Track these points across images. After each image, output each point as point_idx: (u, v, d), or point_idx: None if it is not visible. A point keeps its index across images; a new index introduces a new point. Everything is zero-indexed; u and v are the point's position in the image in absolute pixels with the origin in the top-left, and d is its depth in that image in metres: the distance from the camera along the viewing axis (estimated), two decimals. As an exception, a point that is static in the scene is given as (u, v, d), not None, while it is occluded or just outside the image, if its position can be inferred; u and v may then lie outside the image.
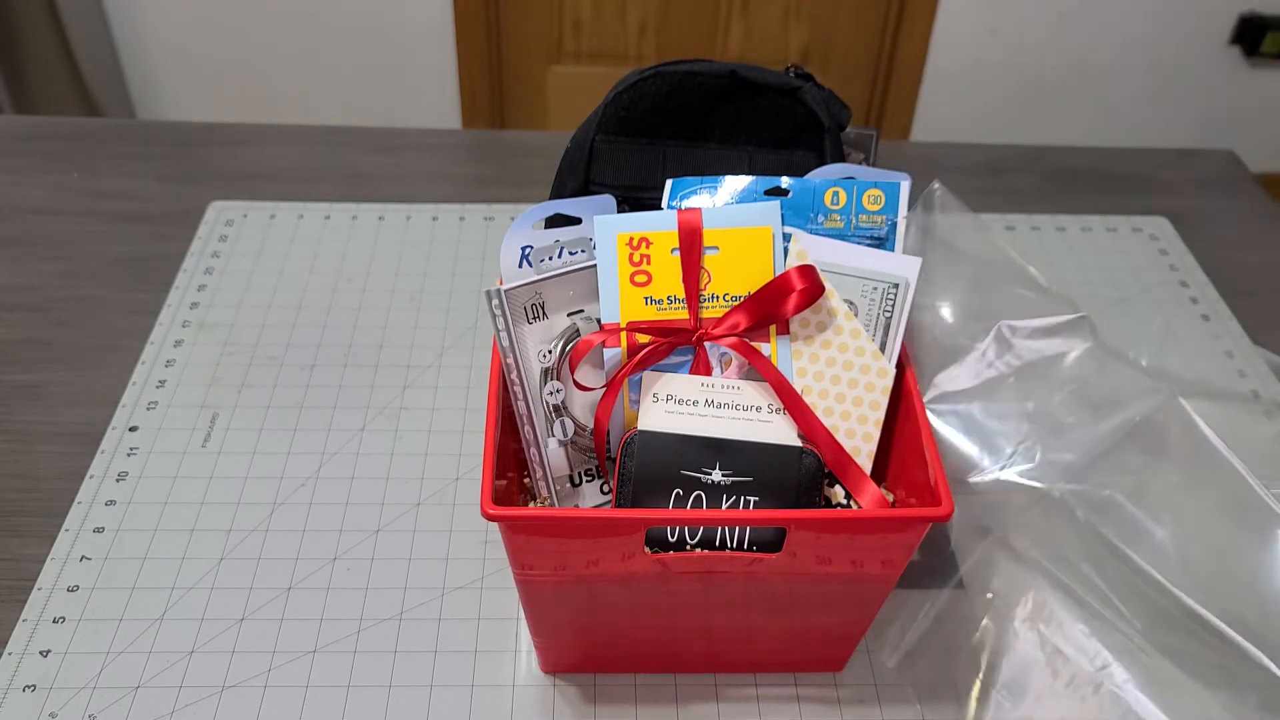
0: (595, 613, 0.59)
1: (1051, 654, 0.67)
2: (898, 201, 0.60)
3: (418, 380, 0.84)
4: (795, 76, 0.65)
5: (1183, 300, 0.95)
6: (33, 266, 0.94)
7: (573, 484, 0.61)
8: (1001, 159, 1.12)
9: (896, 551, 0.55)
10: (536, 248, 0.60)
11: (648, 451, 0.55)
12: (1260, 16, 2.14)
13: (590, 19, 2.22)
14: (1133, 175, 1.11)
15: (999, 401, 0.75)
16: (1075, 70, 2.23)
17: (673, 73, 0.64)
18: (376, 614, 0.67)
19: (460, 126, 2.30)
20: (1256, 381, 0.86)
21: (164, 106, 2.28)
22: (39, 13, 1.97)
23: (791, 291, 0.57)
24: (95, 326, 0.88)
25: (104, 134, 1.11)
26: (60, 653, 0.65)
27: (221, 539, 0.71)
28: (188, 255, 0.95)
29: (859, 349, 0.59)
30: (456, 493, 0.75)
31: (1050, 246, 1.00)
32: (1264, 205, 1.08)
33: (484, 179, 1.07)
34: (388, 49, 2.19)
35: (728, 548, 0.54)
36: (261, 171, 1.06)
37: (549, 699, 0.63)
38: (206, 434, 0.79)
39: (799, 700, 0.64)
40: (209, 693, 0.63)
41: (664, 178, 0.63)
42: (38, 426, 0.79)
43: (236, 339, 0.87)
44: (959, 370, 0.76)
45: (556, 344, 0.59)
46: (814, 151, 0.65)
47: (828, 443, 0.56)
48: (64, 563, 0.70)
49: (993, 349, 0.76)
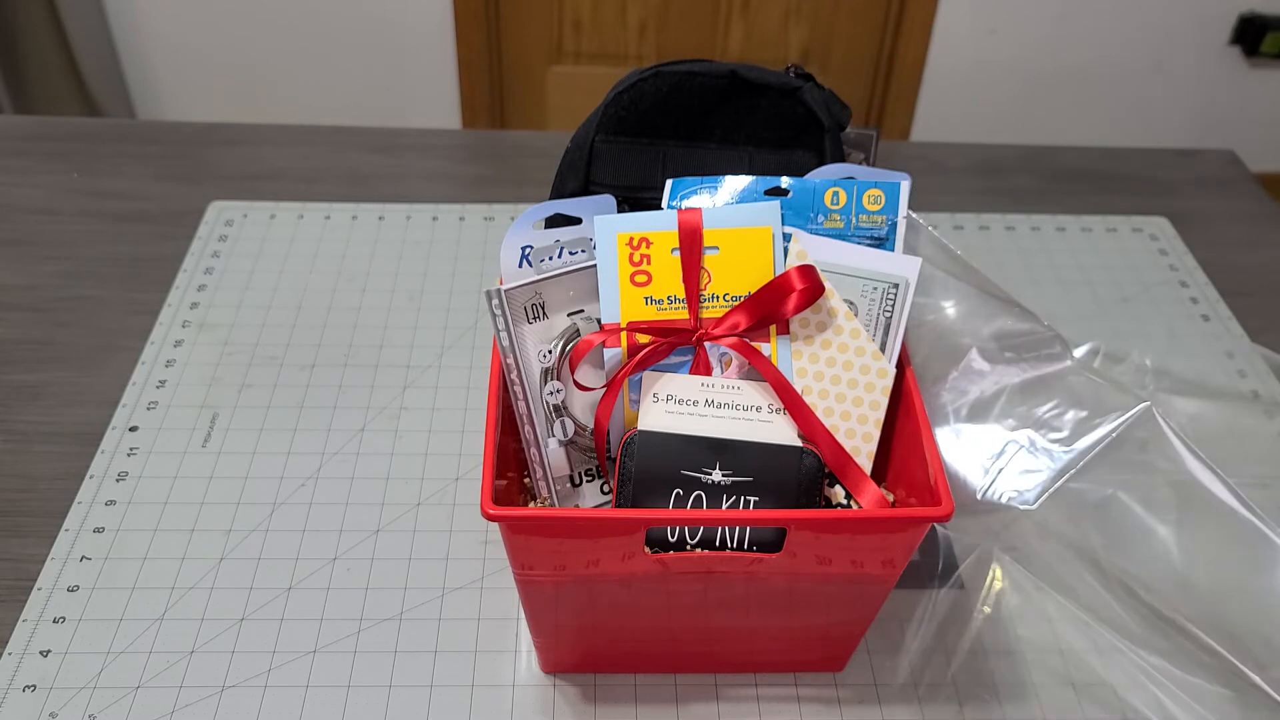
0: (595, 613, 0.59)
1: (1051, 654, 0.67)
2: (898, 201, 0.60)
3: (418, 380, 0.84)
4: (795, 76, 0.65)
5: (1183, 300, 0.95)
6: (33, 266, 0.94)
7: (573, 484, 0.61)
8: (1001, 159, 1.12)
9: (896, 551, 0.55)
10: (536, 248, 0.60)
11: (648, 451, 0.55)
12: (1260, 16, 2.14)
13: (590, 19, 2.22)
14: (1132, 175, 1.11)
15: (980, 423, 0.75)
16: (1075, 70, 2.23)
17: (673, 73, 0.64)
18: (376, 614, 0.67)
19: (460, 126, 2.30)
20: (1256, 381, 0.86)
21: (164, 106, 2.28)
22: (39, 13, 1.97)
23: (791, 291, 0.57)
24: (95, 326, 0.88)
25: (104, 134, 1.11)
26: (60, 653, 0.65)
27: (221, 539, 0.71)
28: (188, 255, 0.95)
29: (859, 349, 0.59)
30: (456, 493, 0.75)
31: (1050, 246, 1.00)
32: (1264, 205, 1.08)
33: (484, 179, 1.07)
34: (388, 49, 2.19)
35: (728, 548, 0.54)
36: (261, 171, 1.06)
37: (549, 699, 0.63)
38: (206, 434, 0.79)
39: (799, 700, 0.64)
40: (209, 693, 0.63)
41: (664, 178, 0.63)
42: (38, 426, 0.79)
43: (236, 339, 0.87)
44: (939, 390, 0.77)
45: (556, 344, 0.59)
46: (814, 151, 0.65)
47: (828, 443, 0.56)
48: (64, 563, 0.70)
49: (969, 372, 0.76)
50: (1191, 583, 0.68)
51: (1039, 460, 0.73)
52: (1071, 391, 0.74)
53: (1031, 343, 0.76)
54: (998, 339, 0.76)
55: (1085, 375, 0.75)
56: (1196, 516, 0.69)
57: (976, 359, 0.76)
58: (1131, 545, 0.70)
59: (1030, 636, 0.68)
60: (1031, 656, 0.67)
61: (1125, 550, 0.70)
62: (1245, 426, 0.82)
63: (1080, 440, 0.72)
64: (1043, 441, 0.73)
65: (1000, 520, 0.72)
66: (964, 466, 0.73)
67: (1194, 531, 0.69)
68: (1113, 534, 0.70)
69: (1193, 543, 0.69)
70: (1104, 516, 0.71)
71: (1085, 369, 0.75)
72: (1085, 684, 0.65)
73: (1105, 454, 0.72)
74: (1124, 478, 0.71)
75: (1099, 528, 0.70)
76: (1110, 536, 0.70)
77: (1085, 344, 0.87)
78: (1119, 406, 0.72)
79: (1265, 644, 0.65)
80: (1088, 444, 0.72)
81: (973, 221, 1.02)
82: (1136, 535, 0.70)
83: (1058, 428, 0.73)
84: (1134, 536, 0.70)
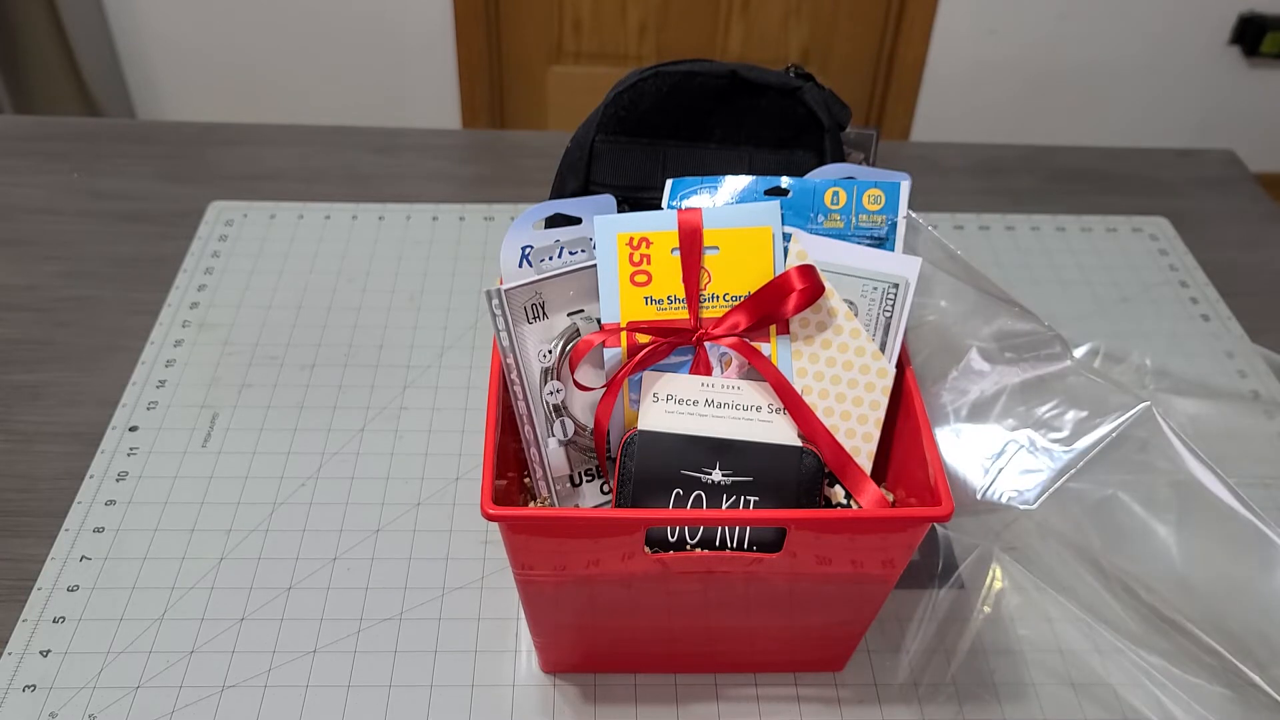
0: (595, 613, 0.59)
1: (1051, 654, 0.67)
2: (898, 201, 0.60)
3: (418, 380, 0.84)
4: (795, 76, 0.65)
5: (1183, 300, 0.95)
6: (33, 266, 0.94)
7: (573, 484, 0.61)
8: (1001, 159, 1.12)
9: (896, 551, 0.55)
10: (536, 248, 0.60)
11: (648, 451, 0.55)
12: (1260, 16, 2.14)
13: (590, 19, 2.22)
14: (1133, 175, 1.11)
15: (980, 423, 0.75)
16: (1075, 70, 2.23)
17: (673, 73, 0.64)
18: (376, 614, 0.67)
19: (460, 126, 2.30)
20: (1256, 382, 0.86)
21: (164, 106, 2.28)
22: (39, 13, 1.97)
23: (791, 291, 0.57)
24: (95, 326, 0.88)
25: (104, 134, 1.11)
26: (60, 653, 0.65)
27: (221, 539, 0.71)
28: (188, 255, 0.95)
29: (859, 349, 0.58)
30: (456, 493, 0.75)
31: (1050, 246, 1.00)
32: (1264, 205, 1.08)
33: (484, 179, 1.07)
34: (388, 49, 2.19)
35: (728, 548, 0.54)
36: (261, 171, 1.06)
37: (549, 699, 0.63)
38: (206, 434, 0.79)
39: (799, 700, 0.64)
40: (209, 693, 0.63)
41: (664, 178, 0.63)
42: (38, 426, 0.79)
43: (236, 339, 0.87)
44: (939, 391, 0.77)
45: (556, 344, 0.59)
46: (814, 151, 0.65)
47: (828, 443, 0.56)
48: (64, 563, 0.70)
49: (969, 372, 0.76)
50: (1191, 583, 0.68)
51: (1039, 460, 0.73)
52: (1071, 391, 0.74)
53: (1031, 343, 0.76)
54: (998, 339, 0.76)
55: (1085, 375, 0.75)
56: (1196, 516, 0.69)
57: (976, 359, 0.76)
58: (1131, 545, 0.70)
59: (1030, 636, 0.68)
60: (1031, 656, 0.67)
61: (1125, 550, 0.70)
62: (1245, 426, 0.82)
63: (1080, 440, 0.72)
64: (1043, 441, 0.73)
65: (1000, 520, 0.72)
66: (964, 466, 0.73)
67: (1194, 531, 0.69)
68: (1113, 534, 0.70)
69: (1192, 542, 0.69)
70: (1104, 516, 0.71)
71: (1085, 369, 0.75)
72: (1085, 684, 0.65)
73: (1105, 454, 0.72)
74: (1124, 478, 0.71)
75: (1099, 528, 0.70)
76: (1110, 536, 0.70)
77: (1085, 344, 0.87)
78: (1119, 406, 0.72)
79: (1265, 643, 0.65)
80: (1088, 444, 0.72)
81: (973, 221, 1.03)
82: (1136, 535, 0.70)
83: (1058, 428, 0.73)
84: (1134, 536, 0.70)
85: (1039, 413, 0.74)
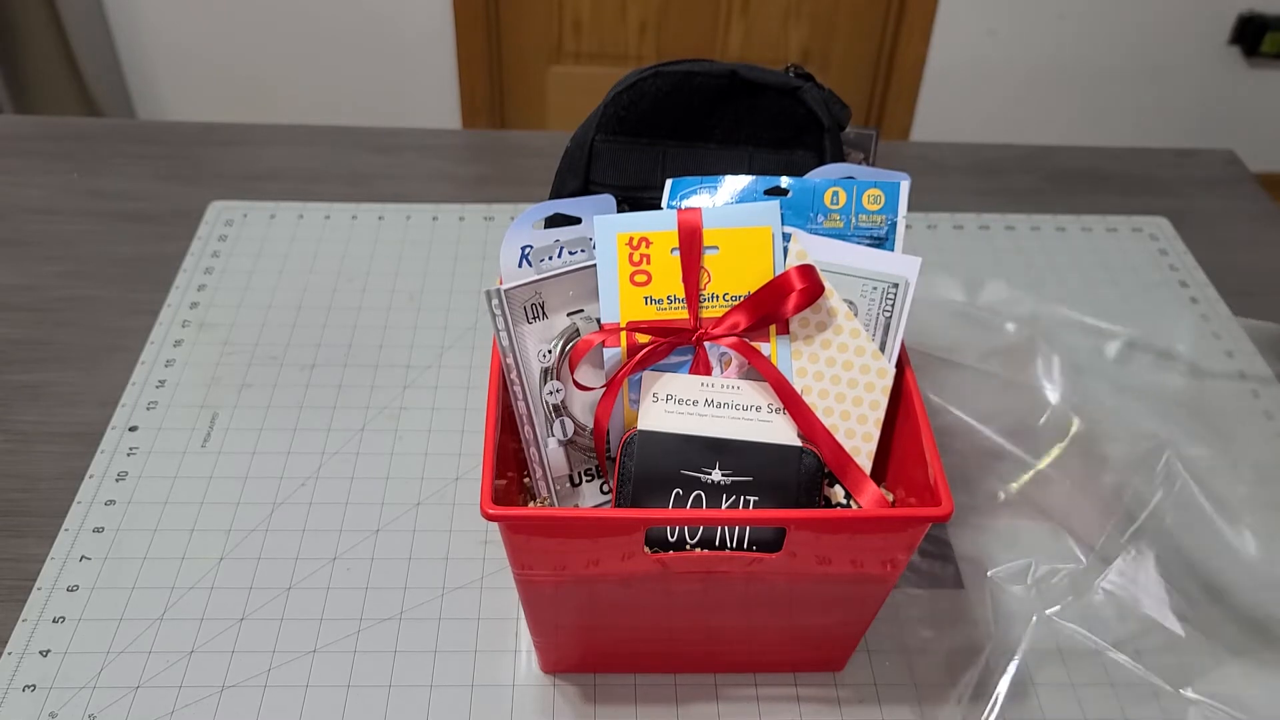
0: (595, 613, 0.59)
1: (1051, 653, 0.67)
2: (897, 201, 0.60)
3: (418, 380, 0.84)
4: (795, 76, 0.65)
5: (1183, 300, 0.95)
6: (33, 266, 0.94)
7: (573, 484, 0.61)
8: (1001, 159, 1.12)
9: (896, 551, 0.55)
10: (536, 248, 0.60)
11: (648, 451, 0.55)
12: (1260, 16, 2.14)
13: (590, 19, 2.22)
14: (1133, 175, 1.11)
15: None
16: (1075, 70, 2.23)
17: (673, 73, 0.64)
18: (376, 614, 0.67)
19: (460, 127, 2.30)
20: (1256, 382, 0.86)
21: (164, 106, 2.28)
22: (39, 13, 1.97)
23: (791, 291, 0.57)
24: (95, 326, 0.88)
25: (104, 134, 1.11)
26: (60, 653, 0.65)
27: (221, 539, 0.71)
28: (188, 255, 0.95)
29: (859, 349, 0.59)
30: (456, 493, 0.75)
31: (1050, 246, 1.00)
32: (1264, 205, 1.08)
33: (484, 179, 1.07)
34: (388, 49, 2.20)
35: (728, 548, 0.54)
36: (261, 171, 1.06)
37: (549, 699, 0.63)
38: (206, 434, 0.79)
39: (799, 700, 0.64)
40: (209, 693, 0.63)
41: (664, 178, 0.63)
42: (38, 426, 0.79)
43: (236, 339, 0.87)
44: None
45: (556, 344, 0.59)
46: (814, 151, 0.65)
47: (828, 443, 0.56)
48: (64, 563, 0.70)
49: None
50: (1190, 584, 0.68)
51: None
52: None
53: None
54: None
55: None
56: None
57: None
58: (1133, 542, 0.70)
59: (1031, 635, 0.68)
60: (1032, 657, 0.67)
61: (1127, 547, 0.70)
62: (1245, 426, 0.82)
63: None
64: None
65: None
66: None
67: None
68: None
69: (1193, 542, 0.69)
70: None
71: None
72: (1085, 683, 0.65)
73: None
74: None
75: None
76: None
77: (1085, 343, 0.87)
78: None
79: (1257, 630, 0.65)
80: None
81: (973, 221, 1.03)
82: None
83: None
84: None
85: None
